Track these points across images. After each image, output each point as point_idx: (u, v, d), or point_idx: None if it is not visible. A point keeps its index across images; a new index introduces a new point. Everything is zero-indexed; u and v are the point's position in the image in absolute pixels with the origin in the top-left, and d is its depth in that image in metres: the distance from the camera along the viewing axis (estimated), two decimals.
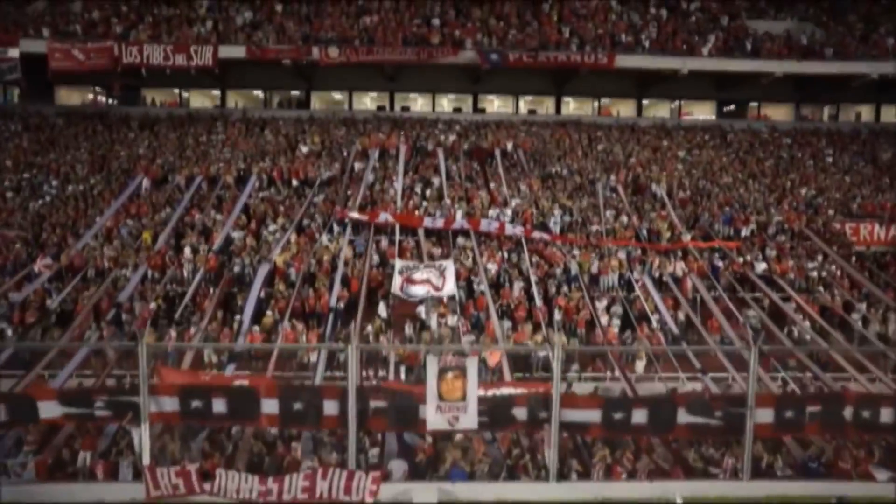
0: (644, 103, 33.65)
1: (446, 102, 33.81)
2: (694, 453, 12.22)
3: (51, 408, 10.57)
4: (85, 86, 32.02)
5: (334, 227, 21.89)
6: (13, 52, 25.95)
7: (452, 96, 33.67)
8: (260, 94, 33.87)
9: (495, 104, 34.32)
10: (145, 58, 25.89)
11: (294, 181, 24.64)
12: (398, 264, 19.19)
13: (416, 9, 29.65)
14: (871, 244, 23.46)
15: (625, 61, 27.76)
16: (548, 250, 21.09)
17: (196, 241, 20.55)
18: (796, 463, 11.97)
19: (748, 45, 28.63)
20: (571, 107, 34.35)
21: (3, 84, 30.25)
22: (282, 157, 26.27)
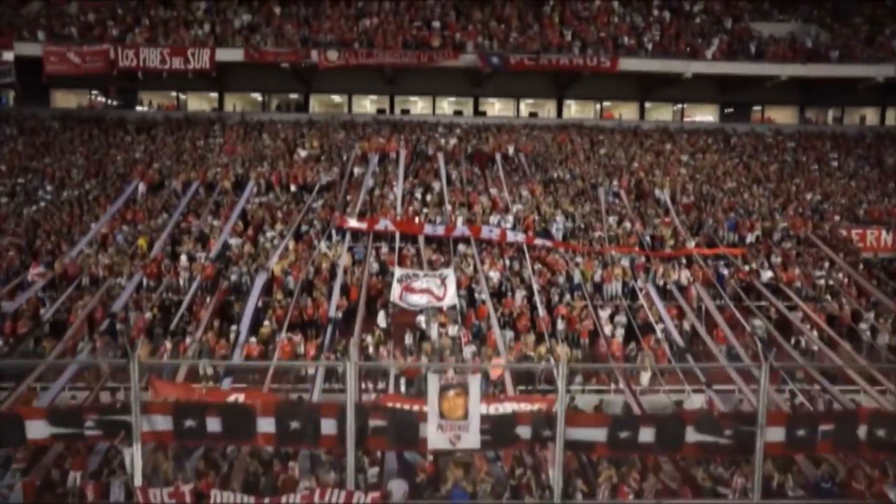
0: (646, 106, 33.33)
1: (447, 105, 33.49)
2: (702, 472, 11.87)
3: (39, 428, 10.19)
4: (81, 89, 31.64)
5: (333, 234, 21.55)
6: (8, 56, 25.58)
7: (453, 99, 33.34)
8: (258, 97, 33.54)
9: (496, 107, 34.00)
10: (142, 61, 25.54)
11: (292, 186, 24.30)
12: (398, 272, 18.85)
13: (416, 11, 29.34)
14: (878, 251, 23.12)
15: (628, 65, 27.45)
16: (550, 257, 20.75)
17: (193, 248, 20.21)
18: (808, 483, 11.63)
19: (752, 47, 28.29)
20: (573, 110, 34.01)
21: None
22: (280, 162, 25.95)
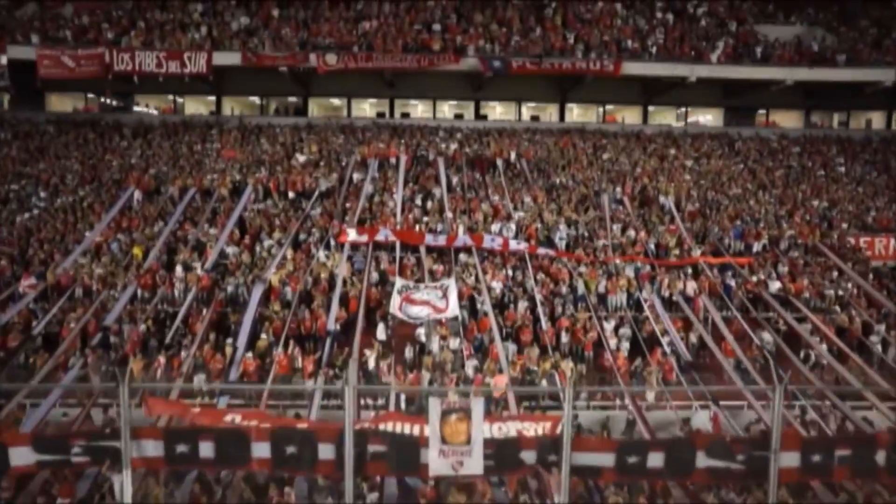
0: (649, 109, 32.91)
1: (447, 108, 33.09)
2: (713, 497, 11.49)
3: (23, 455, 9.74)
4: (76, 92, 31.21)
5: (332, 242, 21.14)
6: (1, 59, 25.20)
7: (454, 102, 32.94)
8: (257, 100, 33.11)
9: (497, 110, 33.60)
10: (137, 65, 25.15)
11: (291, 193, 23.88)
12: (398, 283, 18.40)
13: (417, 14, 28.91)
14: (886, 259, 22.72)
15: (631, 69, 27.05)
16: (553, 267, 20.33)
17: (189, 258, 19.79)
18: None
19: (758, 51, 27.87)
20: (575, 113, 33.57)
21: None
22: (278, 167, 25.54)
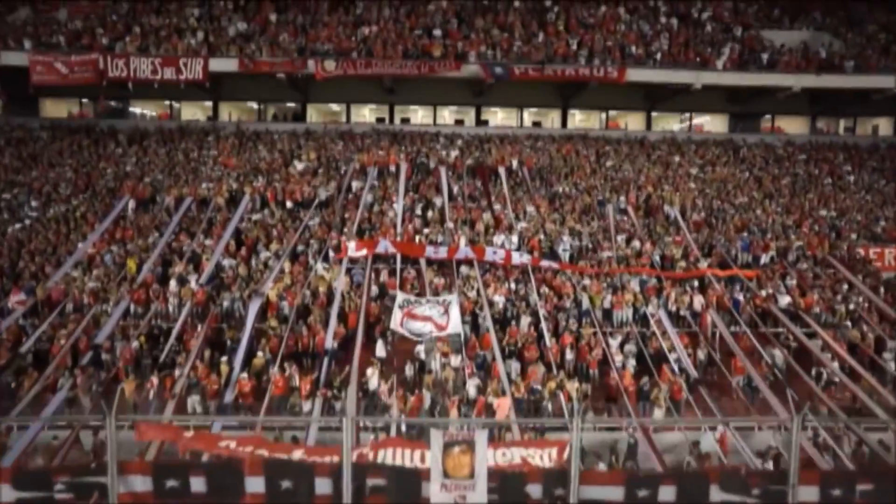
0: (653, 115, 32.44)
1: (448, 114, 32.62)
2: None
3: (3, 492, 9.33)
4: (71, 97, 30.68)
5: (330, 254, 20.67)
6: None
7: (454, 108, 32.46)
8: (254, 105, 32.61)
9: (499, 115, 33.13)
10: (132, 71, 24.62)
11: (288, 202, 23.40)
12: (399, 298, 17.87)
13: (417, 18, 28.39)
14: None
15: (636, 75, 26.57)
16: (557, 280, 19.86)
17: (184, 271, 19.30)
18: None
19: (764, 57, 27.39)
20: (577, 118, 33.13)
21: None
22: (276, 175, 25.06)
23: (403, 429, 14.68)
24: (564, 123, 31.75)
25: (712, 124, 32.90)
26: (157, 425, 13.52)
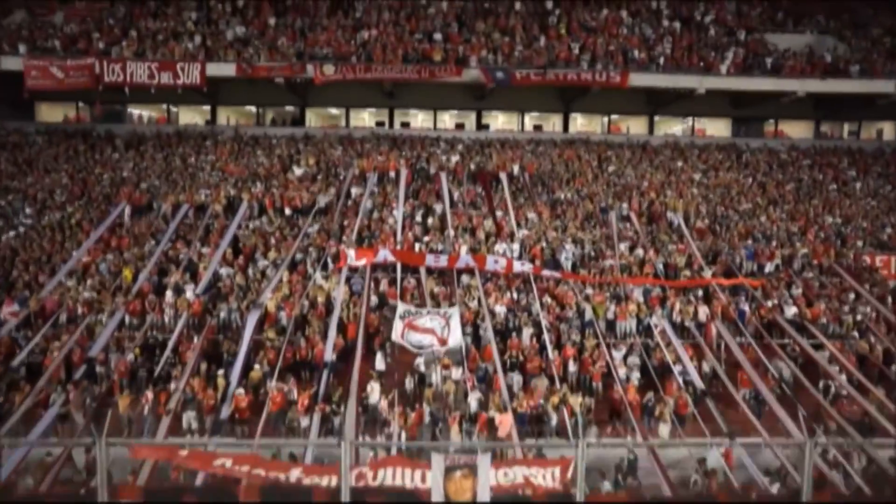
0: (655, 119, 32.12)
1: (448, 118, 32.29)
2: None
3: None
4: (67, 101, 30.32)
5: (329, 263, 20.36)
6: None
7: (455, 112, 32.14)
8: (253, 109, 32.27)
9: (499, 120, 32.80)
10: (128, 76, 24.26)
11: (287, 209, 23.08)
12: (400, 308, 17.55)
13: (417, 22, 28.07)
14: None
15: (639, 80, 26.26)
16: (559, 289, 19.55)
17: (181, 280, 18.98)
18: None
19: (768, 61, 27.08)
20: (579, 122, 32.81)
21: None
22: (274, 181, 24.74)
23: (404, 447, 14.38)
24: (566, 128, 31.42)
25: (715, 128, 32.57)
26: (152, 446, 13.22)
